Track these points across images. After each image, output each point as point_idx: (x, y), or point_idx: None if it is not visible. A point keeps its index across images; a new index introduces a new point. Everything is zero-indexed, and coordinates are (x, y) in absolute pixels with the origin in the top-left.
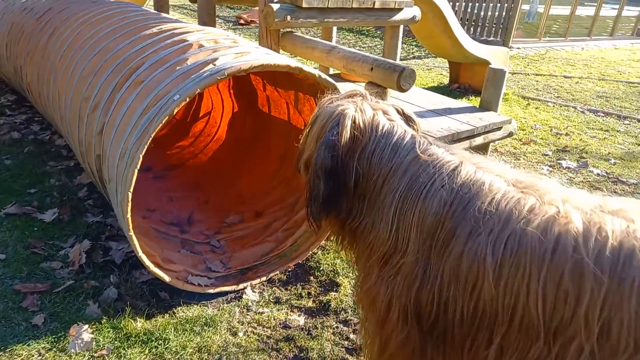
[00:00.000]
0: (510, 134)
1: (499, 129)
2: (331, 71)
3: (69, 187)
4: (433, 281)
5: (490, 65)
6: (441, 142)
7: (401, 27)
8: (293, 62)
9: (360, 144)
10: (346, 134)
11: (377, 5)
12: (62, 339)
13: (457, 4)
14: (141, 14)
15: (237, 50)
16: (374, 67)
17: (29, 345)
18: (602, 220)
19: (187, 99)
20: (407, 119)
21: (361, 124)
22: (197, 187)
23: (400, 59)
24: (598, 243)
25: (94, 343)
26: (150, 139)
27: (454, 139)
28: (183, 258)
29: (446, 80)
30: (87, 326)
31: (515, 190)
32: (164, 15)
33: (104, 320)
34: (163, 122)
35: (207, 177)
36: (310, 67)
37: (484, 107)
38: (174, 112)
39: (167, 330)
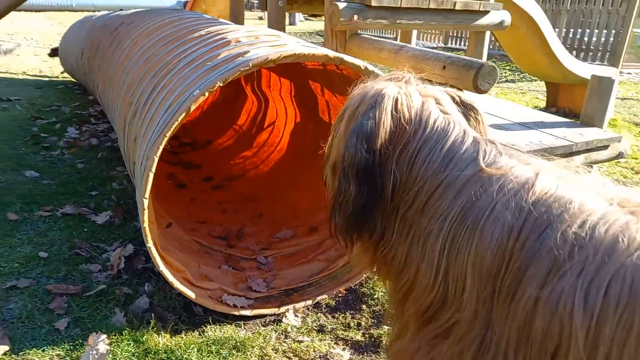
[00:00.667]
0: (619, 156)
1: (605, 147)
2: None
3: (127, 192)
4: (497, 348)
5: (593, 73)
6: (517, 150)
7: (487, 34)
8: (332, 53)
9: (402, 140)
10: (386, 119)
11: (458, 7)
12: (78, 347)
13: (557, 29)
14: (196, 19)
15: (273, 43)
16: (447, 64)
17: (44, 350)
18: None
19: (207, 94)
20: (468, 110)
21: (405, 111)
22: (253, 199)
23: None
24: None
25: (109, 356)
26: (166, 139)
27: (545, 155)
28: (222, 275)
29: (543, 104)
30: (105, 336)
31: (622, 210)
32: (220, 20)
33: (126, 331)
34: (180, 120)
35: (264, 189)
36: (354, 58)
37: (585, 123)
38: (191, 109)
39: (191, 350)
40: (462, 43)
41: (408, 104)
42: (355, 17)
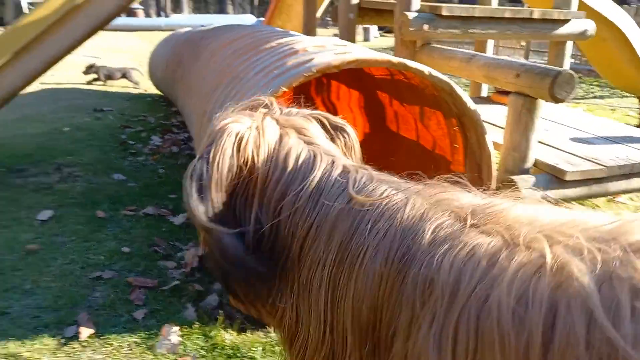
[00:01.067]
0: None
1: None
2: (483, 93)
3: None
4: None
5: None
6: (390, 176)
7: (569, 45)
8: (395, 58)
9: (259, 183)
10: (222, 160)
11: (535, 15)
12: (153, 336)
13: None
14: (269, 33)
15: (338, 51)
16: (521, 73)
17: (122, 336)
18: (630, 271)
19: None
20: (337, 133)
21: (252, 151)
22: None
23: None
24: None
25: (180, 347)
26: None
27: (633, 170)
28: None
29: (635, 122)
30: (177, 328)
31: (472, 230)
32: (292, 32)
33: (196, 325)
34: None
35: None
36: (418, 64)
37: None
38: None
39: (255, 349)
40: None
41: (256, 142)
42: (426, 26)
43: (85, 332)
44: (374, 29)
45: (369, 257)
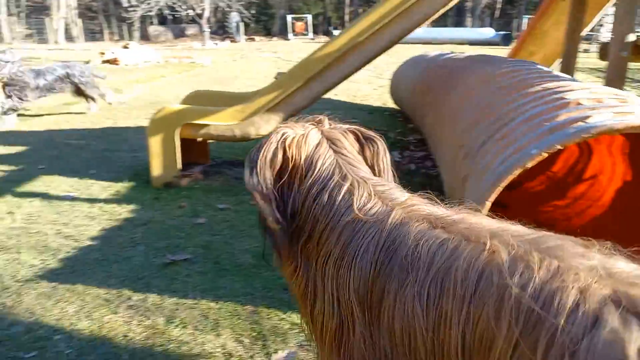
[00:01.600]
0: None
1: None
2: None
3: None
4: (376, 346)
5: None
6: (386, 187)
7: None
8: None
9: (297, 176)
10: (268, 150)
11: None
12: None
13: None
14: (529, 71)
15: (618, 109)
16: None
17: None
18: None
19: (544, 154)
20: (367, 143)
21: (294, 149)
22: None
23: None
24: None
25: None
26: (500, 189)
27: None
28: None
29: None
30: None
31: (441, 231)
32: (555, 73)
33: None
34: (514, 174)
35: None
36: None
37: None
38: (528, 166)
39: None
40: None
41: (299, 144)
42: None
43: None
44: None
45: (364, 251)
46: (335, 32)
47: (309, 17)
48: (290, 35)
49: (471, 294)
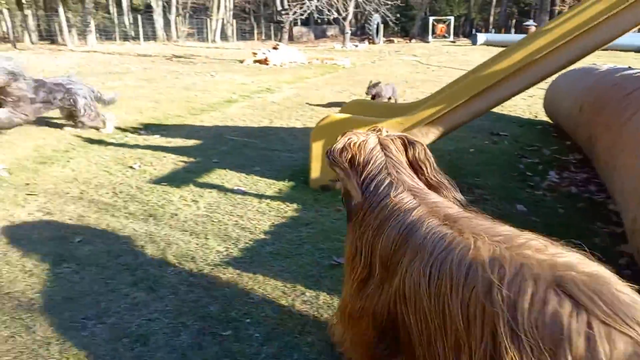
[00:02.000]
0: None
1: None
2: None
3: (608, 251)
4: (388, 293)
5: None
6: (416, 185)
7: None
8: None
9: (360, 167)
10: (338, 146)
11: None
12: None
13: None
14: None
15: None
16: None
17: None
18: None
19: None
20: (409, 146)
21: (356, 148)
22: None
23: None
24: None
25: None
26: None
27: None
28: None
29: None
30: None
31: (446, 227)
32: None
33: None
34: None
35: None
36: None
37: None
38: None
39: None
40: None
41: (360, 146)
42: None
43: None
44: None
45: (391, 229)
46: (480, 36)
47: (452, 19)
48: (429, 38)
49: (463, 280)
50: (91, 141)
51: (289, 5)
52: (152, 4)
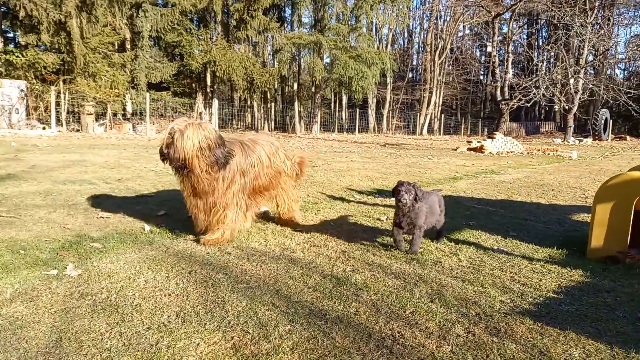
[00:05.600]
0: None
1: None
2: None
3: None
4: None
5: None
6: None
7: None
8: None
9: None
10: None
11: None
12: None
13: None
14: None
15: None
16: None
17: None
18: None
19: None
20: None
21: None
22: None
23: None
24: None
25: None
26: None
27: None
28: None
29: None
30: None
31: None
32: None
33: None
34: None
35: None
36: None
37: None
38: None
39: None
40: None
41: None
42: None
43: None
44: None
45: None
46: None
47: None
48: None
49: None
50: (334, 198)
51: (510, 94)
52: (369, 100)
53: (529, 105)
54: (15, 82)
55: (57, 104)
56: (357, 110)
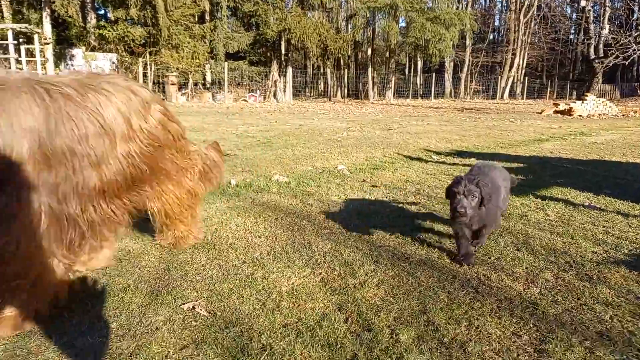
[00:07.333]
0: None
1: None
2: None
3: None
4: None
5: None
6: None
7: None
8: None
9: None
10: None
11: None
12: None
13: None
14: None
15: None
16: None
17: None
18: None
19: None
20: None
21: None
22: None
23: None
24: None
25: None
26: None
27: None
28: None
29: None
30: None
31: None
32: None
33: None
34: None
35: None
36: None
37: None
38: None
39: None
40: None
41: None
42: None
43: None
44: None
45: None
46: None
47: None
48: None
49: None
50: (411, 158)
51: (605, 51)
52: (446, 64)
53: (626, 63)
54: (108, 55)
55: (144, 75)
56: (433, 75)
